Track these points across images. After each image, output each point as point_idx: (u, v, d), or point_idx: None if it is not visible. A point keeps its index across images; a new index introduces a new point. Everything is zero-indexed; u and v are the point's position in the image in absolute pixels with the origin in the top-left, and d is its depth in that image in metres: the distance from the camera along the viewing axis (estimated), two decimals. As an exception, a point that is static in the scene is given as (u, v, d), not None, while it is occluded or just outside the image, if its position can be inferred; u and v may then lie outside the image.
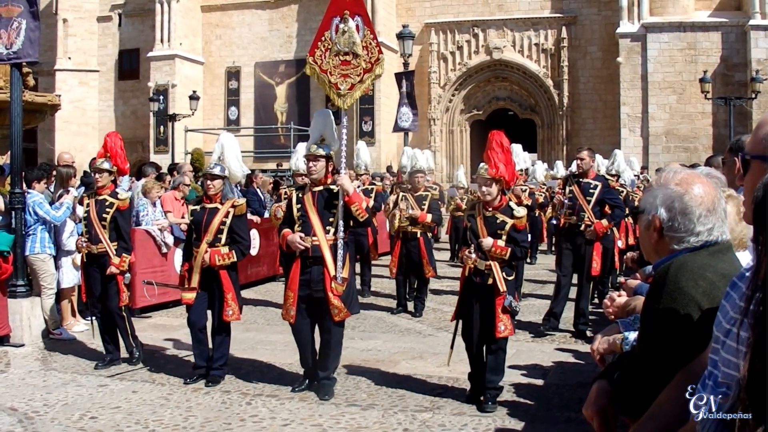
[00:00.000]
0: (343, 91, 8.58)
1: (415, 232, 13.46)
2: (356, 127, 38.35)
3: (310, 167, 8.33)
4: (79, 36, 45.18)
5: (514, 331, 7.93)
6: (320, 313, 8.24)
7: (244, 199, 9.31)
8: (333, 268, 8.09)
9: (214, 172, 8.87)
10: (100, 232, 9.49)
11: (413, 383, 8.65)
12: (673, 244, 3.03)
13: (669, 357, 2.81)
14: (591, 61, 38.95)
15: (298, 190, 8.55)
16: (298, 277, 8.19)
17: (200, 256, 8.66)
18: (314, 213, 8.19)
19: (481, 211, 8.05)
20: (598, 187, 11.61)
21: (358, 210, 8.12)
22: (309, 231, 8.15)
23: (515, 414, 7.59)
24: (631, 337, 3.85)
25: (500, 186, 7.95)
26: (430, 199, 13.54)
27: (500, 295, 7.72)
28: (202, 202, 9.00)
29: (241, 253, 8.89)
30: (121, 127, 42.81)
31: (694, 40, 35.76)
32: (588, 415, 3.15)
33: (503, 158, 7.86)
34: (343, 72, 8.56)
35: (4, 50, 11.43)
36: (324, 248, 8.11)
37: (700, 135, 35.51)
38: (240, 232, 8.87)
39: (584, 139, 37.20)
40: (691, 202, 2.99)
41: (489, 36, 39.82)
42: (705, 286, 2.80)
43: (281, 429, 7.05)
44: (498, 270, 7.77)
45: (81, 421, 7.30)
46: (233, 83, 43.61)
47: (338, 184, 8.13)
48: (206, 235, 8.69)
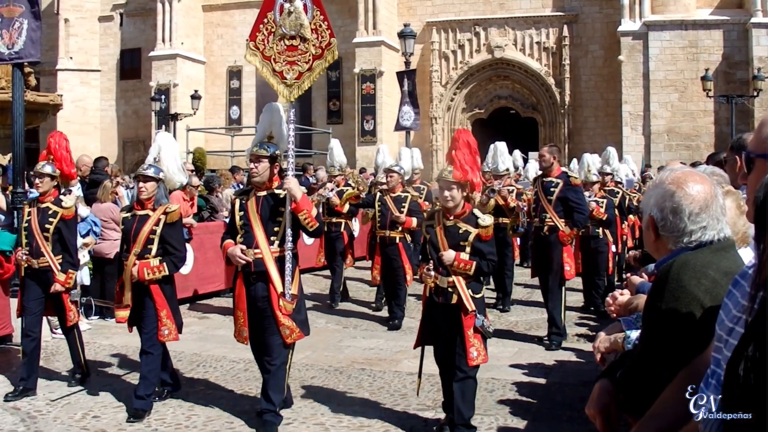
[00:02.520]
0: (290, 80, 7.43)
1: (393, 237, 12.35)
2: (358, 126, 38.40)
3: (252, 169, 7.30)
4: (81, 36, 45.20)
5: (487, 357, 6.89)
6: (265, 333, 7.23)
7: (178, 205, 8.23)
8: (280, 284, 7.09)
9: (147, 173, 7.86)
10: (42, 245, 8.33)
11: (415, 382, 8.66)
12: (669, 243, 3.04)
13: (671, 355, 2.80)
14: (592, 59, 38.91)
15: (241, 195, 7.55)
16: (244, 294, 7.25)
17: (128, 269, 7.70)
18: (257, 222, 7.20)
19: (441, 221, 7.01)
20: (558, 185, 10.88)
21: (306, 218, 7.10)
22: (251, 242, 7.16)
23: (517, 413, 7.59)
24: (633, 336, 3.85)
25: (465, 191, 6.95)
26: (409, 201, 12.37)
27: (468, 314, 6.73)
28: (133, 209, 7.98)
29: (174, 266, 7.84)
30: (123, 126, 42.94)
31: (695, 38, 35.73)
32: (591, 414, 3.16)
33: (470, 160, 6.90)
34: (289, 59, 7.41)
35: (6, 50, 11.44)
36: (268, 262, 7.12)
37: (702, 133, 35.48)
38: (173, 241, 7.82)
39: (586, 138, 37.26)
40: (681, 200, 2.98)
41: (490, 34, 39.79)
42: (707, 284, 2.80)
43: (284, 428, 7.06)
44: (463, 286, 6.78)
45: (83, 420, 7.31)
46: (235, 82, 43.61)
47: (285, 188, 7.12)
48: (135, 245, 7.70)
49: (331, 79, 41.21)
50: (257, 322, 7.23)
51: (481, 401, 7.88)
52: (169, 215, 7.79)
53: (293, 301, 7.11)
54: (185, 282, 13.85)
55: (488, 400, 7.97)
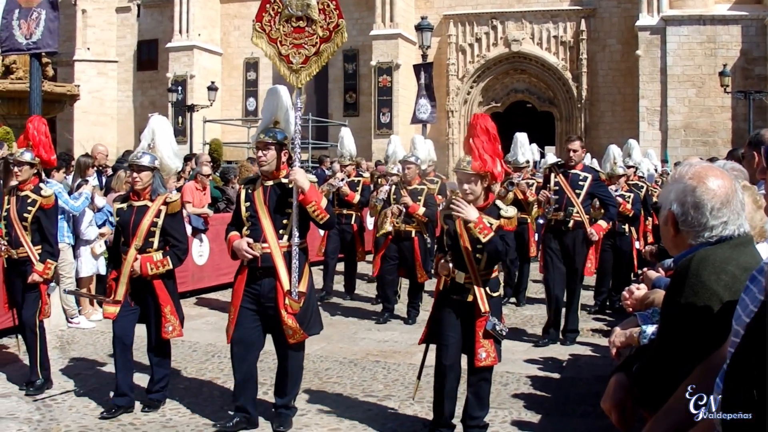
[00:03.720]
0: (296, 65, 6.90)
1: (409, 231, 11.86)
2: (374, 119, 38.41)
3: (259, 157, 6.83)
4: (98, 26, 45.35)
5: (498, 359, 6.41)
6: (274, 335, 6.87)
7: (178, 195, 7.92)
8: (287, 282, 6.64)
9: (141, 162, 7.35)
10: (21, 234, 8.02)
11: (430, 374, 8.65)
12: (690, 239, 3.02)
13: (689, 350, 2.79)
14: (610, 53, 38.81)
15: (247, 185, 7.05)
16: (243, 290, 6.80)
17: (128, 263, 7.25)
18: (265, 214, 6.74)
19: None
20: (588, 180, 10.42)
21: (315, 210, 6.61)
22: (259, 236, 6.71)
23: (531, 407, 7.58)
24: (649, 331, 3.84)
25: (486, 183, 6.39)
26: (426, 194, 11.84)
27: (482, 317, 6.31)
28: (129, 199, 7.52)
29: (178, 259, 7.44)
30: (140, 117, 42.96)
31: (713, 34, 35.57)
32: (606, 409, 3.15)
33: (490, 148, 6.33)
34: (296, 41, 6.88)
35: (23, 40, 11.50)
36: (276, 257, 6.67)
37: (719, 129, 35.34)
38: (175, 233, 7.43)
39: (603, 132, 37.17)
40: (703, 195, 2.97)
41: (508, 28, 39.74)
42: (727, 279, 2.79)
43: (298, 419, 7.05)
44: (479, 284, 6.34)
45: (98, 409, 7.32)
46: (251, 74, 43.66)
47: (290, 179, 6.61)
48: (135, 238, 7.26)
49: (348, 72, 41.27)
50: (264, 321, 6.82)
51: (495, 395, 7.87)
52: (170, 206, 7.38)
53: (300, 300, 6.67)
54: (201, 273, 13.91)
55: (502, 394, 7.96)
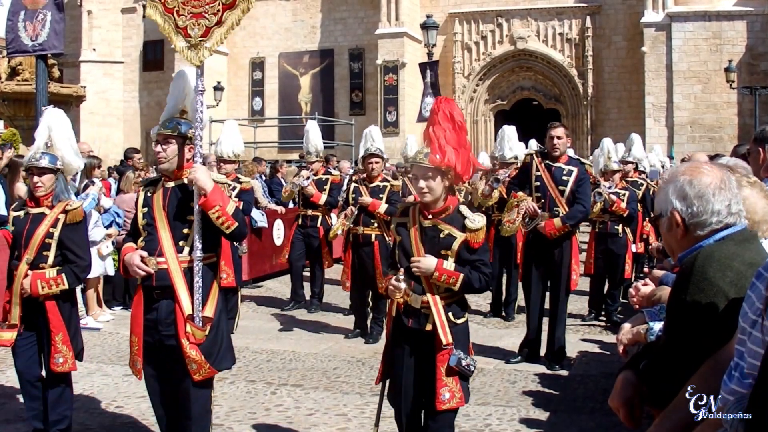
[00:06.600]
0: (194, 39, 5.47)
1: (368, 235, 10.52)
2: (380, 117, 38.36)
3: (157, 152, 5.48)
4: (104, 27, 45.35)
5: (465, 399, 5.09)
6: (174, 368, 5.42)
7: (80, 202, 6.72)
8: (188, 305, 5.31)
9: (40, 164, 6.21)
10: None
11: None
12: (698, 230, 3.01)
13: (696, 347, 2.80)
14: (615, 50, 38.71)
15: (147, 187, 5.70)
16: (142, 316, 5.48)
17: (18, 280, 6.15)
18: (163, 222, 5.44)
19: (417, 219, 5.19)
20: (573, 174, 9.04)
21: (220, 217, 5.25)
22: (155, 248, 5.39)
23: (539, 404, 7.59)
24: (656, 328, 3.84)
25: (448, 181, 5.08)
26: (388, 191, 10.46)
27: (444, 350, 5.02)
28: (26, 206, 6.40)
29: (76, 277, 6.25)
30: (146, 117, 43.03)
31: (719, 29, 35.48)
32: (614, 406, 3.15)
33: (453, 139, 5.01)
34: (194, 11, 5.46)
35: (29, 42, 11.52)
36: (174, 274, 5.34)
37: (725, 125, 35.27)
38: (74, 247, 6.23)
39: (609, 129, 37.06)
40: (701, 183, 2.99)
41: (513, 26, 39.64)
42: (732, 276, 2.79)
43: (306, 418, 7.08)
44: (440, 309, 5.07)
45: (107, 410, 7.34)
46: (257, 74, 43.65)
47: (189, 178, 5.28)
48: (26, 251, 6.15)
49: (354, 71, 41.27)
50: (159, 355, 5.50)
51: (503, 393, 7.90)
52: (70, 214, 6.24)
53: (205, 327, 5.33)
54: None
55: (510, 392, 7.97)
